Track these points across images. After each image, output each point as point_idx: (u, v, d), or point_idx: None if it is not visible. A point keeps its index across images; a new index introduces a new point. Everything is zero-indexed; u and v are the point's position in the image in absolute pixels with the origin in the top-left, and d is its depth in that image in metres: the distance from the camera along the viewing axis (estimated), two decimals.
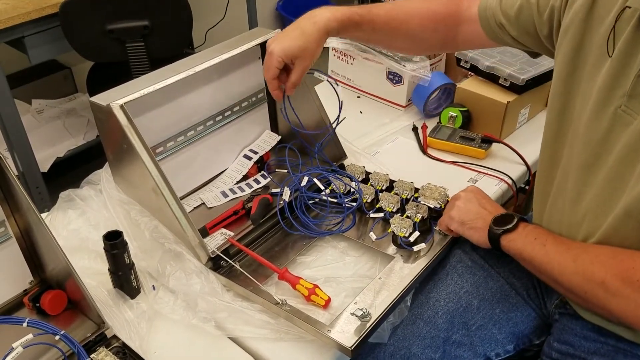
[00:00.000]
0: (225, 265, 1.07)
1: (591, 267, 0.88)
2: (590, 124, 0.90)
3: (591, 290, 0.88)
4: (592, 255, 0.89)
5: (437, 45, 1.24)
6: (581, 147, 0.92)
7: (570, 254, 0.91)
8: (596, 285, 0.87)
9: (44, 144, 2.51)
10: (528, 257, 0.98)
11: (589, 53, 0.91)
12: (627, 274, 0.84)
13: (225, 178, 1.29)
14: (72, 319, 0.99)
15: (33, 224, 0.96)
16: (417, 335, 1.02)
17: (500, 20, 1.08)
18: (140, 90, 1.04)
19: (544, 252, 0.94)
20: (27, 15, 1.96)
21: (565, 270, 0.91)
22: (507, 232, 0.99)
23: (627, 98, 0.84)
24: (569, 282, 0.91)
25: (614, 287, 0.85)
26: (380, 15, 1.15)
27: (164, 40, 2.14)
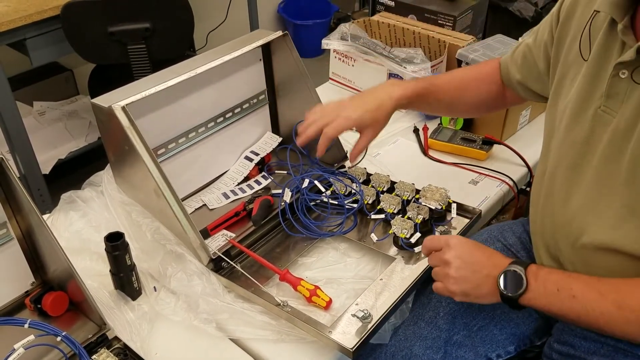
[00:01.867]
0: (227, 267, 1.07)
1: None
2: (572, 125, 0.92)
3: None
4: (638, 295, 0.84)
5: (493, 104, 1.25)
6: (566, 148, 0.94)
7: (609, 300, 0.84)
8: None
9: (46, 146, 2.51)
10: (560, 314, 0.89)
11: (570, 61, 0.95)
12: None
13: (226, 179, 1.29)
14: (74, 320, 0.99)
15: (35, 225, 0.96)
16: (419, 336, 1.03)
17: (515, 77, 1.14)
18: (141, 92, 1.05)
19: (580, 306, 0.86)
20: (28, 18, 1.97)
21: (613, 319, 0.84)
22: (522, 295, 0.89)
23: (605, 98, 0.86)
24: (624, 331, 0.85)
25: None
26: (441, 86, 1.20)
27: (165, 43, 2.14)
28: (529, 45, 1.10)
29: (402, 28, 1.67)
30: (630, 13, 0.83)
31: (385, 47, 1.66)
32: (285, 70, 1.30)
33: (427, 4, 1.80)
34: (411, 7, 1.80)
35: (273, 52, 1.30)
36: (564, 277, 0.89)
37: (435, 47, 1.64)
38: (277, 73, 1.33)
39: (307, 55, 3.47)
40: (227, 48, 1.20)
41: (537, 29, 1.10)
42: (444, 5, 1.80)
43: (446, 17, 1.76)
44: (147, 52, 2.11)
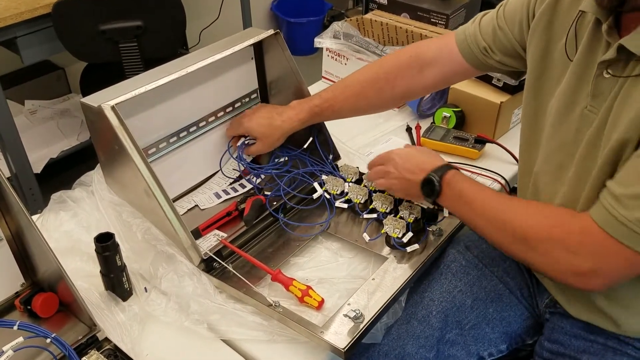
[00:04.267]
0: (218, 267, 1.06)
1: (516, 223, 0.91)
2: (560, 126, 0.93)
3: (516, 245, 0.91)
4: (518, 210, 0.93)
5: (402, 95, 1.25)
6: (553, 148, 0.95)
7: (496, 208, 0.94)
8: (520, 240, 0.89)
9: (38, 145, 2.50)
10: (461, 217, 1.04)
11: (554, 60, 0.95)
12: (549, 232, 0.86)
13: (217, 179, 1.29)
14: (64, 321, 0.99)
15: (24, 226, 0.95)
16: (412, 335, 1.03)
17: (484, 45, 1.10)
18: (132, 91, 1.04)
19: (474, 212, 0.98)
20: (19, 16, 1.95)
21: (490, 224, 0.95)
22: (437, 198, 1.02)
23: (591, 98, 0.86)
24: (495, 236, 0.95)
25: (537, 244, 0.87)
26: (337, 96, 1.22)
27: (157, 41, 2.13)
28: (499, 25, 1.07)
29: (394, 26, 1.67)
30: (614, 13, 0.83)
31: (377, 45, 1.65)
32: (277, 69, 1.30)
33: (420, 2, 1.80)
34: (404, 5, 1.80)
35: (265, 50, 1.29)
36: (470, 186, 0.99)
37: None
38: (269, 72, 1.32)
39: (300, 53, 3.46)
40: (218, 47, 1.19)
41: (502, 10, 1.08)
42: (436, 4, 1.80)
43: (439, 15, 1.76)
44: (139, 51, 2.10)
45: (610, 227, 0.79)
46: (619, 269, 0.82)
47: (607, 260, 0.81)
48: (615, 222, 0.78)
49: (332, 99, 1.22)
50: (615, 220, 0.79)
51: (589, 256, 0.82)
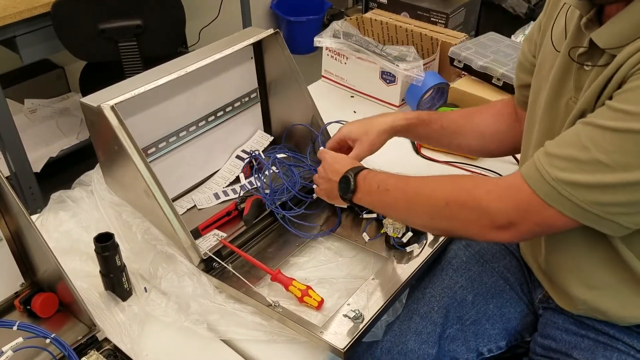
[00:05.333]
0: (218, 267, 1.06)
1: (434, 194, 0.91)
2: (547, 117, 0.93)
3: (437, 215, 0.91)
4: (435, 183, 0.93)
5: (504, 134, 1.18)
6: (541, 139, 0.94)
7: (413, 187, 0.94)
8: (440, 209, 0.90)
9: (37, 144, 2.49)
10: (379, 207, 1.03)
11: (546, 52, 0.96)
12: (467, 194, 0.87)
13: (217, 179, 1.29)
14: (64, 321, 0.99)
15: (23, 226, 0.95)
16: (414, 331, 1.03)
17: (515, 84, 1.12)
18: (131, 91, 1.04)
19: (391, 197, 0.96)
20: (18, 15, 1.95)
21: (411, 203, 0.94)
22: (352, 195, 1.00)
23: (574, 90, 0.87)
24: (417, 214, 0.95)
25: (456, 208, 0.88)
26: (447, 114, 1.21)
27: (157, 40, 2.12)
28: (522, 47, 1.09)
29: (394, 25, 1.67)
30: (596, 7, 0.84)
31: (377, 44, 1.65)
32: (277, 68, 1.30)
33: (420, 1, 1.80)
34: (404, 4, 1.80)
35: (264, 50, 1.29)
36: (386, 177, 0.98)
37: (428, 45, 1.64)
38: (269, 71, 1.32)
39: (300, 52, 3.46)
40: (218, 46, 1.19)
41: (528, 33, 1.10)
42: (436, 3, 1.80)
43: (439, 14, 1.76)
44: (138, 50, 2.09)
45: (534, 182, 0.80)
46: (535, 225, 0.83)
47: (526, 214, 0.82)
48: (540, 178, 0.79)
49: (440, 115, 1.20)
50: (539, 176, 0.79)
51: (508, 210, 0.83)
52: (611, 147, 0.75)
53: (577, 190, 0.77)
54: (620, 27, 0.78)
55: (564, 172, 0.77)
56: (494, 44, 1.58)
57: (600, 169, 0.75)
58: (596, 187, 0.76)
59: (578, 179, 0.76)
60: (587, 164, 0.76)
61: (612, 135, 0.75)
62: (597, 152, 0.75)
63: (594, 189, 0.76)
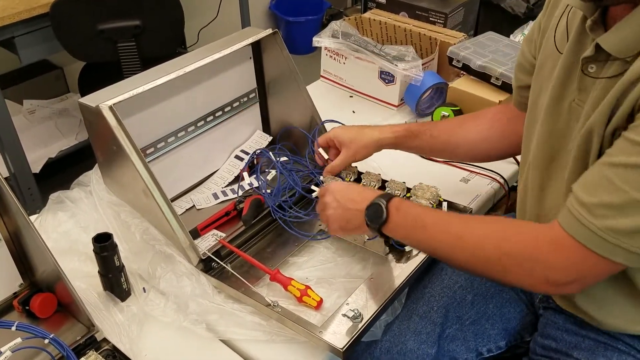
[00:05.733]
0: (217, 267, 1.06)
1: (481, 245, 0.87)
2: (549, 118, 0.93)
3: (486, 266, 0.87)
4: (480, 231, 0.88)
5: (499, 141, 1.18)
6: (543, 141, 0.95)
7: (455, 231, 0.89)
8: (490, 261, 0.86)
9: (36, 145, 2.49)
10: (414, 243, 0.98)
11: (547, 52, 0.95)
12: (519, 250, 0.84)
13: (216, 179, 1.29)
14: (62, 322, 0.99)
15: (22, 227, 0.95)
16: (413, 331, 1.03)
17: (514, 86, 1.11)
18: (129, 91, 1.04)
19: (429, 235, 0.91)
20: (17, 16, 1.95)
21: (455, 248, 0.89)
22: (383, 225, 0.94)
23: (578, 92, 0.87)
24: (462, 260, 0.90)
25: (509, 263, 0.85)
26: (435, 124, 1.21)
27: (155, 40, 2.13)
28: (522, 48, 1.09)
29: (393, 25, 1.67)
30: (600, 8, 0.83)
31: (376, 44, 1.65)
32: (276, 68, 1.30)
33: (419, 1, 1.80)
34: (403, 4, 1.80)
35: (263, 50, 1.29)
36: (421, 211, 0.94)
37: (427, 45, 1.64)
38: (268, 71, 1.32)
39: (299, 52, 3.46)
40: (216, 46, 1.19)
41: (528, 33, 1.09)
42: (435, 3, 1.80)
43: (437, 14, 1.76)
44: (137, 50, 2.09)
45: (582, 236, 0.78)
46: (594, 276, 0.83)
47: (583, 270, 0.81)
48: (587, 232, 0.78)
49: (431, 125, 1.20)
50: (586, 230, 0.78)
51: (565, 268, 0.81)
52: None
53: (626, 236, 0.76)
54: (630, 32, 0.77)
55: (608, 220, 0.76)
56: (492, 44, 1.58)
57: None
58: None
59: (624, 224, 0.75)
60: (628, 206, 0.75)
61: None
62: (634, 192, 0.74)
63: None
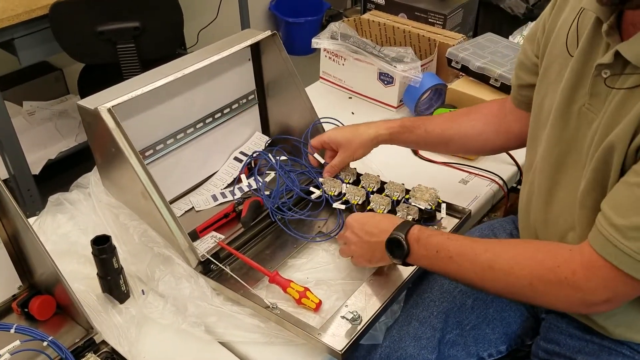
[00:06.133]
0: (215, 269, 1.06)
1: (513, 272, 0.87)
2: (557, 123, 0.92)
3: (519, 292, 0.88)
4: (509, 258, 0.88)
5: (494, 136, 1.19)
6: (552, 145, 0.94)
7: (484, 261, 0.89)
8: (523, 287, 0.86)
9: (36, 146, 2.49)
10: (442, 273, 0.96)
11: (555, 54, 0.94)
12: (552, 274, 0.84)
13: (215, 181, 1.29)
14: (61, 324, 0.99)
15: (21, 229, 0.95)
16: (413, 336, 1.03)
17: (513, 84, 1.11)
18: (128, 93, 1.04)
19: (457, 265, 0.91)
20: (16, 17, 1.95)
21: (486, 278, 0.89)
22: (407, 258, 0.95)
23: (589, 96, 0.86)
24: (494, 288, 0.91)
25: (542, 288, 0.85)
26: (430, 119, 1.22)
27: (155, 42, 2.13)
28: (523, 46, 1.08)
29: (392, 27, 1.67)
30: (616, 12, 0.82)
31: (375, 46, 1.65)
32: (275, 70, 1.30)
33: (418, 2, 1.80)
34: (402, 5, 1.80)
35: (262, 51, 1.29)
36: (444, 240, 0.93)
37: (426, 46, 1.64)
38: (267, 73, 1.32)
39: (299, 53, 3.45)
40: (215, 48, 1.19)
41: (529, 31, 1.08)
42: (434, 4, 1.80)
43: (436, 15, 1.76)
44: (136, 52, 2.09)
45: (615, 258, 0.78)
46: (627, 295, 0.83)
47: (616, 290, 0.81)
48: (621, 254, 0.78)
49: (425, 120, 1.21)
50: (620, 252, 0.78)
51: (599, 289, 0.82)
52: None
53: None
54: None
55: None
56: (491, 45, 1.58)
57: None
58: None
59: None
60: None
61: None
62: None
63: None
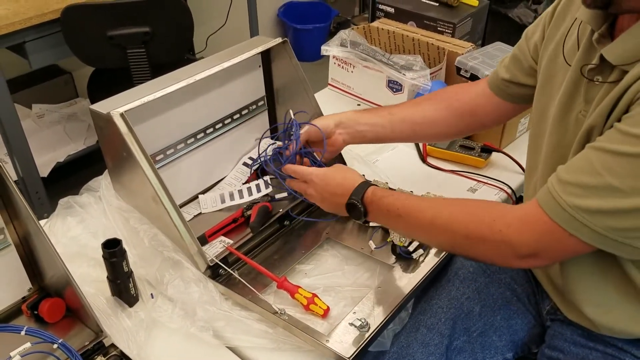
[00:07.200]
0: (224, 274, 1.07)
1: (451, 226, 0.91)
2: (557, 130, 0.94)
3: (457, 245, 0.93)
4: (449, 213, 0.92)
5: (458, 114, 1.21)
6: (551, 152, 0.96)
7: (427, 217, 0.94)
8: (460, 241, 0.91)
9: (45, 149, 2.51)
10: (395, 229, 1.08)
11: (558, 65, 0.96)
12: (487, 228, 0.86)
13: (224, 186, 1.29)
14: (71, 327, 0.99)
15: (32, 231, 0.96)
16: (421, 343, 1.03)
17: (502, 76, 1.12)
18: (140, 99, 1.04)
19: (405, 222, 0.97)
20: (28, 21, 1.96)
21: (429, 232, 0.95)
22: (366, 217, 1.02)
23: (584, 103, 0.88)
24: (437, 242, 1.00)
25: (477, 241, 0.88)
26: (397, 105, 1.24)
27: (164, 47, 2.14)
28: (520, 44, 1.10)
29: (401, 35, 1.67)
30: (608, 22, 0.84)
31: (384, 53, 1.66)
32: (285, 76, 1.30)
33: (427, 10, 1.80)
34: (411, 13, 1.81)
35: (272, 58, 1.30)
36: (393, 200, 0.99)
37: (435, 54, 1.64)
38: (276, 79, 1.33)
39: (307, 59, 3.47)
40: (226, 55, 1.20)
41: (527, 29, 1.10)
42: (443, 12, 1.80)
43: (446, 24, 1.77)
44: (146, 56, 2.11)
45: (552, 210, 0.80)
46: (558, 251, 0.84)
47: (547, 243, 0.83)
48: (557, 207, 0.79)
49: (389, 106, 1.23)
50: (557, 205, 0.80)
51: (530, 241, 0.83)
52: (624, 172, 0.74)
53: (594, 216, 0.77)
54: (632, 43, 0.78)
55: (580, 199, 0.78)
56: (500, 54, 1.58)
57: (615, 194, 0.75)
58: (612, 212, 0.76)
59: (594, 205, 0.77)
60: (601, 189, 0.76)
61: (623, 160, 0.75)
62: (610, 177, 0.75)
63: (610, 215, 0.76)
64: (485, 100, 1.16)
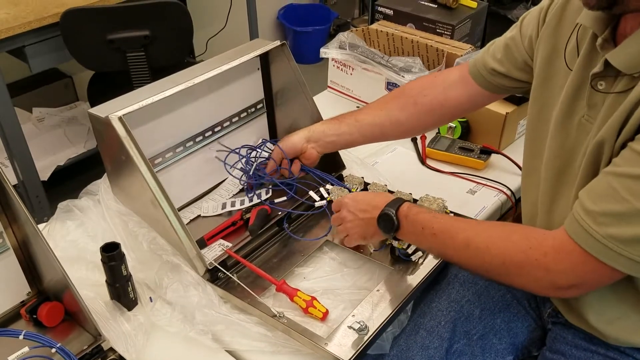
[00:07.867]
0: (223, 277, 1.06)
1: (488, 251, 0.90)
2: (559, 134, 0.93)
3: (493, 271, 0.91)
4: (485, 237, 0.91)
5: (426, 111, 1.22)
6: (553, 156, 0.95)
7: (462, 239, 0.93)
8: (496, 266, 0.89)
9: (45, 153, 2.51)
10: (427, 248, 1.06)
11: (557, 67, 0.95)
12: (524, 256, 0.86)
13: (223, 189, 1.29)
14: (69, 330, 0.99)
15: (30, 235, 0.96)
16: (420, 346, 1.03)
17: (491, 65, 1.11)
18: (139, 102, 1.04)
19: (439, 242, 0.96)
20: (27, 25, 1.97)
21: (463, 255, 0.93)
22: (396, 233, 1.00)
23: (587, 108, 0.88)
24: (471, 266, 0.95)
25: (514, 268, 0.87)
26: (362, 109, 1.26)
27: (164, 50, 2.14)
28: (513, 37, 1.08)
29: (400, 37, 1.67)
30: (611, 26, 0.84)
31: (383, 56, 1.66)
32: (283, 79, 1.30)
33: (426, 12, 1.80)
34: (410, 15, 1.81)
35: (271, 61, 1.30)
36: (430, 218, 0.97)
37: (434, 56, 1.64)
38: (275, 82, 1.33)
39: (306, 61, 3.47)
40: (225, 57, 1.20)
41: (519, 23, 1.08)
42: (442, 14, 1.80)
43: (445, 25, 1.77)
44: (146, 60, 2.11)
45: (585, 242, 0.80)
46: (595, 281, 0.85)
47: (584, 275, 0.83)
48: (590, 239, 0.79)
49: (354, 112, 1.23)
50: (589, 237, 0.79)
51: (567, 272, 0.83)
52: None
53: (628, 244, 0.77)
54: (637, 48, 0.78)
55: (612, 228, 0.77)
56: None
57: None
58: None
59: (628, 233, 0.77)
60: (631, 216, 0.76)
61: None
62: (637, 202, 0.75)
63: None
64: (459, 90, 1.16)
